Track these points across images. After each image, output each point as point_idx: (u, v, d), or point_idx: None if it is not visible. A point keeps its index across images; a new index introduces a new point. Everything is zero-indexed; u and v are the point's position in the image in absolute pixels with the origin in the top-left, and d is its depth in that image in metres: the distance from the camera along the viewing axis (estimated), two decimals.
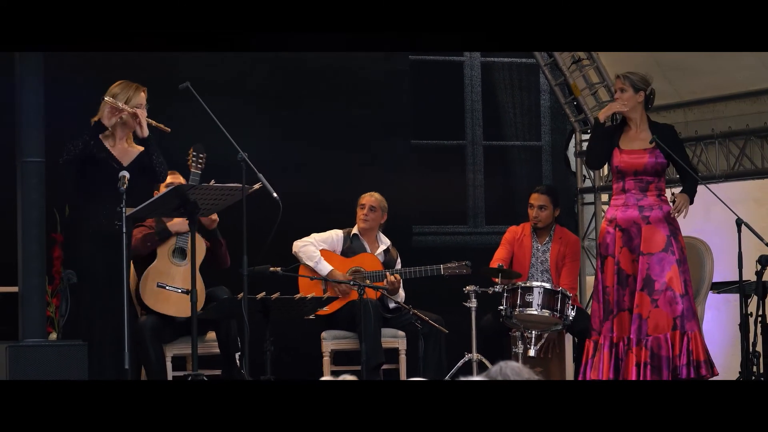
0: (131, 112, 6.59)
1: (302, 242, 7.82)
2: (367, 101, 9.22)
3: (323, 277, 7.66)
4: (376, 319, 7.53)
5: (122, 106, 6.59)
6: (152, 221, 7.16)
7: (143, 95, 6.67)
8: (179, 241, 7.12)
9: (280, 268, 7.13)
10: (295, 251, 7.79)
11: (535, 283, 7.42)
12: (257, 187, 6.39)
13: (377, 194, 8.00)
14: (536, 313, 7.30)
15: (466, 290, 7.41)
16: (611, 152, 7.13)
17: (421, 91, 9.76)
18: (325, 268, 7.73)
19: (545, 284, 7.40)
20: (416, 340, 7.48)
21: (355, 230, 7.97)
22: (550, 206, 8.01)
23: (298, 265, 7.75)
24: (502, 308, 7.37)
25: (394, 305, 7.80)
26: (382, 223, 8.01)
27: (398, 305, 7.76)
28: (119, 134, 6.68)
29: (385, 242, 8.01)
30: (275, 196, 6.28)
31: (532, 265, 7.99)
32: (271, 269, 7.04)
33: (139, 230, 7.05)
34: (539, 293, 7.31)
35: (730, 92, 8.37)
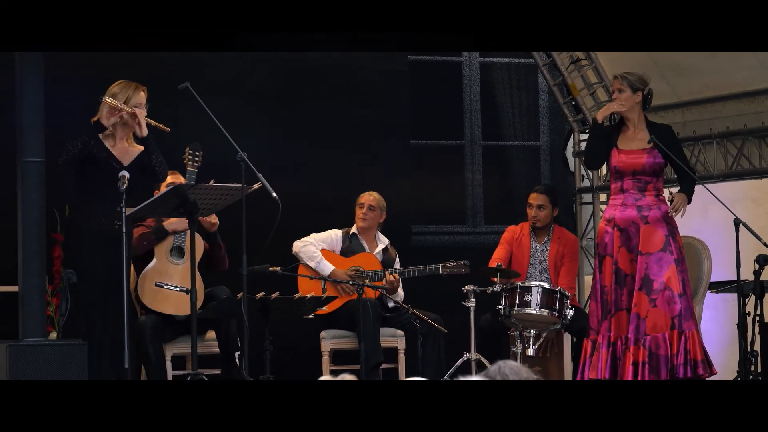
0: (130, 111, 6.58)
1: (302, 242, 7.82)
2: (366, 101, 9.22)
3: (324, 276, 7.67)
4: (375, 318, 7.53)
5: (121, 105, 6.58)
6: (152, 221, 7.16)
7: (143, 95, 6.66)
8: (176, 239, 7.12)
9: (279, 267, 7.15)
10: (295, 251, 7.79)
11: (533, 282, 7.43)
12: (257, 186, 6.40)
13: (376, 193, 8.00)
14: (535, 312, 7.31)
15: (464, 290, 7.42)
16: (609, 152, 7.14)
17: (420, 91, 9.75)
18: (327, 267, 7.74)
19: (544, 284, 7.41)
20: (415, 339, 7.49)
21: (353, 229, 7.98)
22: (548, 206, 8.02)
23: (297, 264, 7.75)
24: (500, 308, 7.38)
25: (393, 304, 7.80)
26: (380, 222, 8.01)
27: (397, 304, 7.76)
28: (119, 134, 6.67)
29: (383, 241, 8.01)
30: (274, 195, 6.28)
31: (530, 264, 8.00)
32: (270, 269, 7.05)
33: (137, 230, 7.05)
34: (538, 293, 7.32)
35: (728, 92, 8.37)
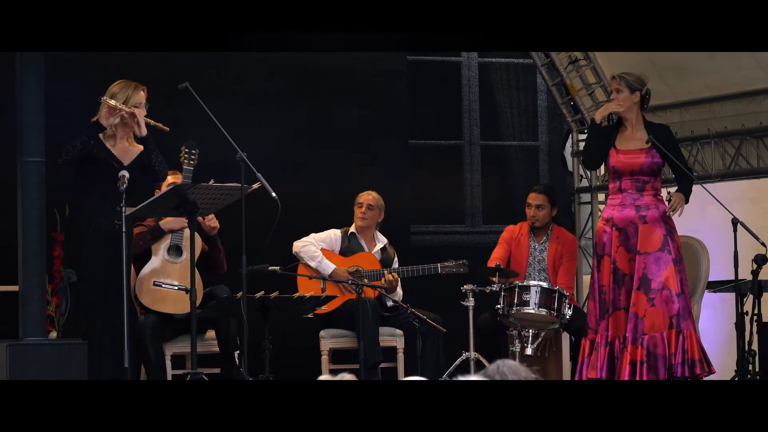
0: (129, 112, 6.57)
1: (302, 242, 7.83)
2: (365, 101, 9.22)
3: (325, 276, 7.68)
4: (374, 318, 7.53)
5: (120, 105, 6.57)
6: (152, 220, 7.17)
7: (142, 94, 6.65)
8: (174, 238, 7.12)
9: (278, 267, 7.16)
10: (295, 251, 7.79)
11: (532, 282, 7.43)
12: (256, 186, 6.40)
13: (374, 193, 8.01)
14: (533, 311, 7.31)
15: (463, 289, 7.42)
16: (607, 152, 7.15)
17: (418, 91, 9.76)
18: (328, 267, 7.74)
19: (542, 283, 7.41)
20: (414, 338, 7.49)
21: (352, 229, 7.98)
22: (547, 206, 8.03)
23: (296, 264, 7.76)
24: (499, 307, 7.38)
25: (391, 304, 7.81)
26: (379, 221, 8.02)
27: (396, 304, 7.77)
28: (120, 133, 6.66)
29: (382, 241, 8.02)
30: (274, 195, 6.29)
31: (529, 264, 8.01)
32: (269, 268, 7.06)
33: (134, 230, 7.06)
34: (536, 292, 7.32)
35: (726, 92, 8.38)
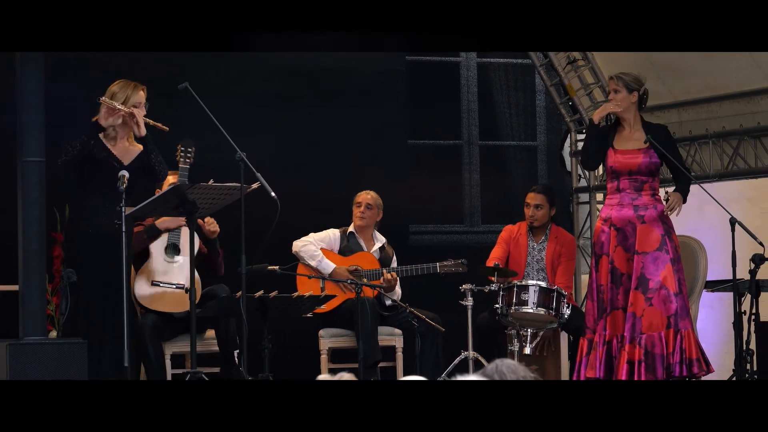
0: (127, 112, 6.57)
1: (302, 242, 7.84)
2: (364, 101, 9.22)
3: (324, 275, 7.69)
4: (373, 317, 7.54)
5: (118, 106, 6.57)
6: (151, 220, 7.18)
7: (142, 94, 6.65)
8: (171, 237, 7.11)
9: (277, 266, 7.17)
10: (295, 251, 7.80)
11: (530, 281, 7.44)
12: (255, 186, 6.41)
13: (373, 192, 8.02)
14: (532, 311, 7.32)
15: (462, 289, 7.43)
16: (606, 152, 7.17)
17: (417, 91, 9.78)
18: (328, 266, 7.75)
19: (541, 283, 7.42)
20: (413, 338, 7.49)
21: (351, 228, 7.99)
22: (546, 205, 8.04)
23: (296, 263, 7.77)
24: (498, 306, 7.38)
25: (390, 303, 7.82)
26: (377, 221, 8.03)
27: (395, 303, 7.78)
28: (120, 133, 6.66)
29: (380, 240, 8.03)
30: (273, 195, 6.30)
31: (527, 263, 8.02)
32: (269, 268, 7.07)
33: (134, 229, 7.07)
34: (535, 292, 7.33)
35: (723, 92, 8.40)
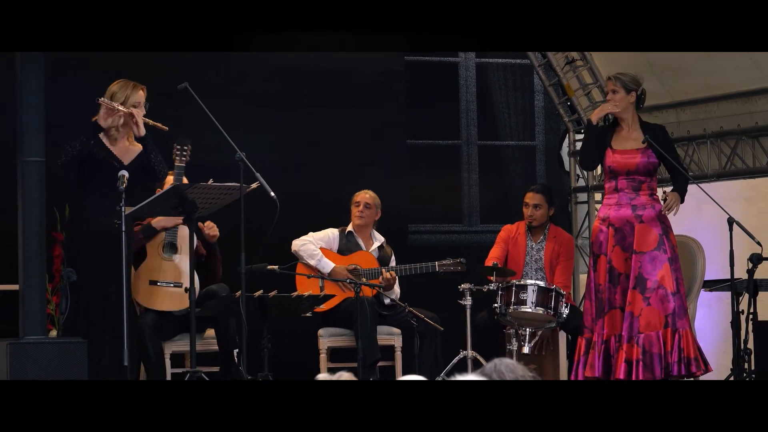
0: (127, 112, 6.57)
1: (301, 241, 7.85)
2: (363, 102, 9.23)
3: (323, 275, 7.71)
4: (372, 316, 7.55)
5: (117, 106, 6.57)
6: (151, 220, 7.20)
7: (142, 93, 6.65)
8: (168, 236, 7.11)
9: (277, 266, 7.19)
10: (294, 250, 7.81)
11: (529, 281, 7.46)
12: (255, 186, 6.42)
13: (371, 192, 8.03)
14: (530, 310, 7.33)
15: (461, 288, 7.43)
16: (604, 153, 7.19)
17: (416, 91, 9.79)
18: (327, 265, 7.76)
19: (539, 282, 7.43)
20: (412, 337, 7.52)
21: (350, 228, 8.00)
22: (544, 205, 8.05)
23: (295, 263, 7.79)
24: (496, 306, 7.39)
25: (389, 302, 7.83)
26: (376, 220, 8.04)
27: (394, 303, 7.80)
28: (120, 133, 6.68)
29: (379, 239, 8.05)
30: (273, 195, 6.31)
31: (526, 263, 8.03)
32: (268, 267, 7.09)
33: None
34: (533, 291, 7.34)
35: (721, 92, 8.40)
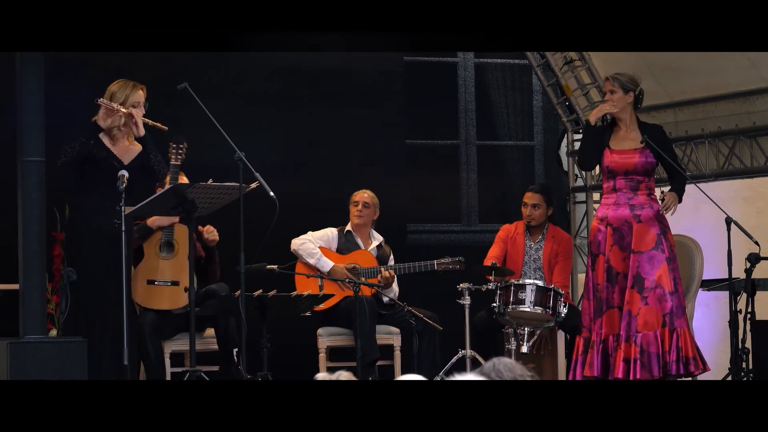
0: (126, 112, 6.58)
1: (300, 240, 7.86)
2: (362, 102, 9.24)
3: (322, 274, 7.72)
4: (371, 316, 7.56)
5: (116, 107, 6.57)
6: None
7: (141, 93, 6.65)
8: (165, 235, 7.12)
9: (276, 266, 7.20)
10: (294, 249, 7.83)
11: (527, 280, 7.46)
12: (254, 186, 6.44)
13: (369, 191, 8.04)
14: (529, 310, 7.34)
15: (459, 288, 7.44)
16: (602, 153, 7.20)
17: (415, 91, 9.80)
18: (326, 264, 7.78)
19: (538, 282, 7.44)
20: (411, 336, 7.53)
21: (348, 227, 8.02)
22: (543, 205, 8.06)
23: (294, 262, 7.80)
24: (495, 305, 7.40)
25: (388, 300, 7.85)
26: (374, 219, 8.06)
27: (393, 302, 7.82)
28: (120, 133, 6.68)
29: (377, 238, 8.06)
30: (272, 195, 6.32)
31: (525, 263, 8.04)
32: (267, 267, 7.10)
33: None
34: (532, 291, 7.35)
35: (720, 93, 8.41)
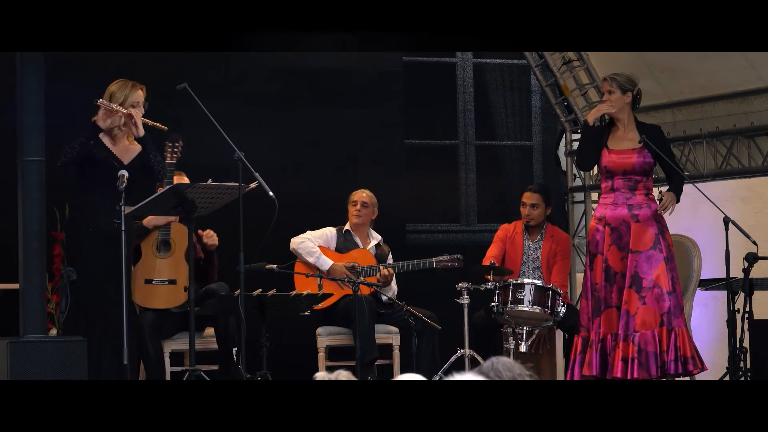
0: (125, 113, 6.58)
1: (299, 239, 7.87)
2: (361, 102, 9.26)
3: (321, 274, 7.73)
4: (370, 315, 7.57)
5: (116, 107, 6.57)
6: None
7: (141, 93, 6.65)
8: (162, 234, 7.12)
9: (275, 265, 7.22)
10: (293, 248, 7.85)
11: (526, 280, 7.47)
12: (254, 185, 6.45)
13: (368, 191, 8.05)
14: (527, 309, 7.35)
15: (458, 287, 7.45)
16: (600, 153, 7.22)
17: (414, 91, 9.81)
18: (326, 263, 7.80)
19: (536, 281, 7.45)
20: (410, 336, 7.54)
21: (347, 227, 8.03)
22: (542, 204, 8.07)
23: (293, 262, 7.82)
24: (494, 305, 7.41)
25: (386, 299, 7.85)
26: (373, 219, 8.08)
27: (391, 301, 7.83)
28: (120, 133, 6.69)
29: (376, 238, 8.08)
30: (271, 194, 6.33)
31: (523, 262, 8.05)
32: (267, 266, 7.12)
33: None
34: (530, 290, 7.36)
35: (717, 93, 8.42)
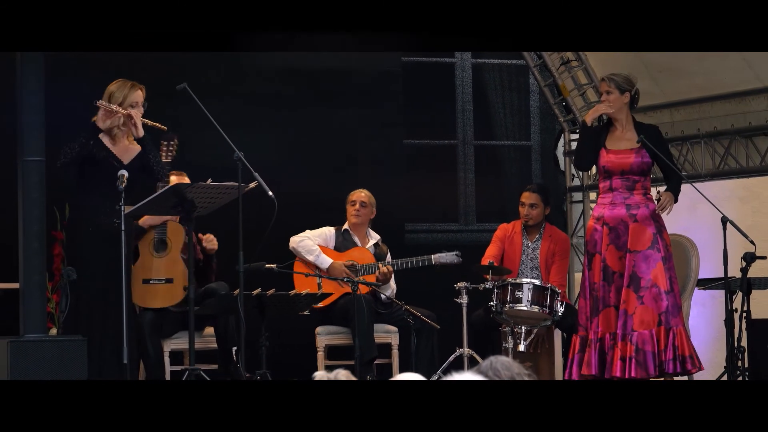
0: (125, 114, 6.58)
1: (299, 237, 7.89)
2: (361, 102, 9.27)
3: (321, 273, 7.75)
4: (369, 314, 7.58)
5: (115, 108, 6.57)
6: None
7: (140, 93, 6.65)
8: (158, 233, 7.13)
9: (275, 265, 7.23)
10: (292, 246, 7.86)
11: (524, 279, 7.48)
12: (253, 185, 6.46)
13: (366, 190, 8.07)
14: (526, 309, 7.36)
15: (457, 286, 7.46)
16: (598, 153, 7.23)
17: (413, 92, 9.82)
18: (325, 261, 7.81)
19: (535, 281, 7.46)
20: (408, 335, 7.55)
21: (346, 226, 8.05)
22: (540, 204, 8.09)
23: (292, 261, 7.83)
24: (492, 304, 7.41)
25: (385, 298, 7.86)
26: (371, 218, 8.09)
27: (390, 300, 7.84)
28: (119, 133, 6.70)
29: (374, 237, 8.09)
30: (271, 194, 6.35)
31: (522, 262, 8.07)
32: (266, 266, 7.13)
33: None
34: (529, 289, 7.37)
35: (715, 93, 8.43)
